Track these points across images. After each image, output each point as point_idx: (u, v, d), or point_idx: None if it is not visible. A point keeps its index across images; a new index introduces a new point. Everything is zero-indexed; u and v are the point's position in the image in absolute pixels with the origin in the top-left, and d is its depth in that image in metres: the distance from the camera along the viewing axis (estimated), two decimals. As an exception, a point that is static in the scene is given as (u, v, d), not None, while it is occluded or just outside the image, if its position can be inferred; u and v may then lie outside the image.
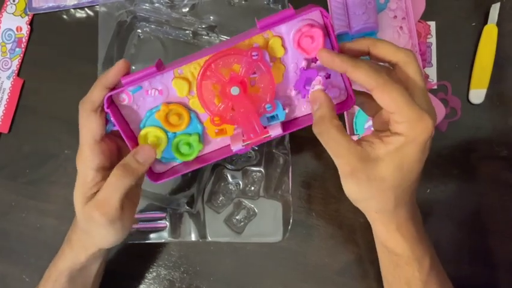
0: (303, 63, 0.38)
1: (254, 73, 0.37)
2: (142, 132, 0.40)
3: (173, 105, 0.39)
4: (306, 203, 0.51)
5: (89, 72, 0.54)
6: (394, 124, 0.33)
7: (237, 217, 0.51)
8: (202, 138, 0.41)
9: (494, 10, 0.49)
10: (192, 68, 0.38)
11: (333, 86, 0.39)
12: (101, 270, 0.46)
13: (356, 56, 0.36)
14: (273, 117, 0.39)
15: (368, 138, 0.35)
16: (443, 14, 0.50)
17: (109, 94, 0.37)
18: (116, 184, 0.37)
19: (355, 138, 0.48)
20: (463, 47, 0.50)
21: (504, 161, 0.49)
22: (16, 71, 0.56)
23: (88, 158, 0.38)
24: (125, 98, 0.39)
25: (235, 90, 0.36)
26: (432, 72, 0.50)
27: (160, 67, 0.37)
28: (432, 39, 0.50)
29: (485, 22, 0.49)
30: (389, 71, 0.35)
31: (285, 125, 0.40)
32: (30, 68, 0.56)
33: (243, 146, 0.39)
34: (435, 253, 0.39)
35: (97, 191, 0.38)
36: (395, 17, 0.49)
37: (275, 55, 0.37)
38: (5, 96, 0.56)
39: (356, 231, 0.50)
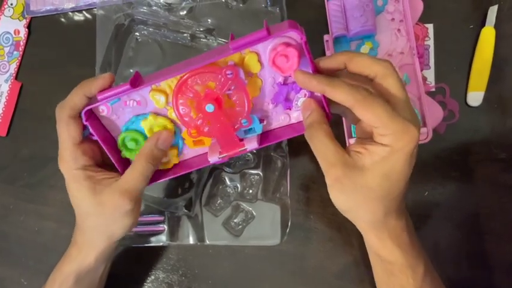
0: (280, 79, 0.38)
1: (229, 89, 0.37)
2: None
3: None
4: (304, 206, 0.51)
5: (87, 75, 0.53)
6: (378, 136, 0.33)
7: (235, 220, 0.51)
8: (181, 153, 0.42)
9: (492, 12, 0.49)
10: (169, 81, 0.38)
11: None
12: (105, 273, 0.46)
13: (333, 72, 0.35)
14: (250, 130, 0.40)
15: (354, 148, 0.34)
16: (440, 17, 0.50)
17: (86, 109, 0.37)
18: (144, 172, 0.39)
19: (353, 141, 0.48)
20: (460, 50, 0.50)
21: (502, 163, 0.49)
22: (14, 74, 0.56)
23: (70, 162, 0.39)
24: (104, 109, 0.39)
25: (209, 108, 0.37)
26: (430, 74, 0.50)
27: (135, 83, 0.37)
28: (430, 42, 0.50)
29: (483, 24, 0.49)
30: (369, 84, 0.35)
31: (262, 136, 0.40)
32: (28, 71, 0.56)
33: (219, 158, 0.40)
34: (428, 259, 0.39)
35: (101, 183, 0.39)
36: (393, 19, 0.49)
37: (252, 71, 0.37)
38: (3, 100, 0.56)
39: (353, 234, 0.50)
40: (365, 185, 0.33)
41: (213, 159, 0.40)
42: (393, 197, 0.34)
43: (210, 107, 0.37)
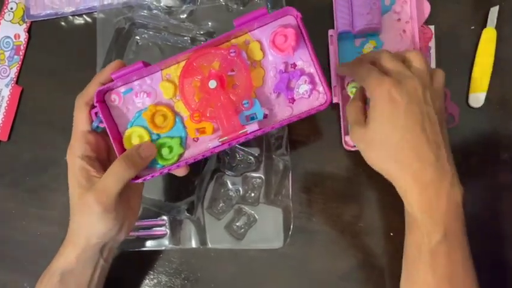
0: (282, 66, 0.40)
1: (232, 70, 0.39)
2: (128, 131, 0.41)
3: (160, 106, 0.41)
4: (306, 208, 0.51)
5: (88, 79, 0.53)
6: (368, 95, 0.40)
7: (237, 223, 0.51)
8: (184, 143, 0.42)
9: (493, 13, 0.49)
10: (179, 72, 0.40)
11: (314, 89, 0.41)
12: (96, 278, 0.45)
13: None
14: (252, 118, 0.40)
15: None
16: (442, 18, 0.50)
17: (100, 88, 0.40)
18: (118, 175, 0.39)
19: (348, 138, 0.48)
20: (462, 51, 0.50)
21: (505, 165, 0.49)
22: (15, 79, 0.56)
23: (73, 147, 0.41)
24: (116, 98, 0.41)
25: (212, 84, 0.38)
26: (431, 76, 0.50)
27: (147, 64, 0.40)
28: (432, 43, 0.50)
29: (484, 25, 0.49)
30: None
31: (263, 125, 0.41)
32: (28, 76, 0.56)
33: (219, 141, 0.40)
34: (460, 231, 0.39)
35: (90, 180, 0.40)
36: (399, 20, 0.49)
37: (254, 58, 0.40)
38: (4, 104, 0.56)
39: (357, 236, 0.50)
40: (370, 138, 0.39)
41: (214, 143, 0.40)
42: (399, 144, 0.38)
43: (212, 83, 0.38)
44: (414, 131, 0.37)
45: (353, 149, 0.48)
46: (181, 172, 0.43)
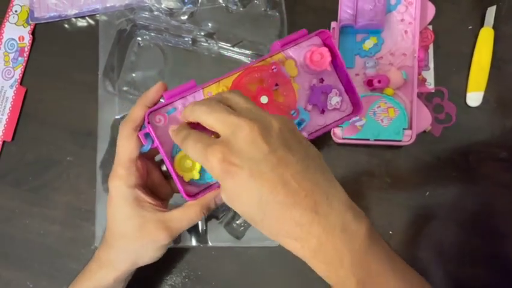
0: (314, 81, 0.43)
1: (276, 85, 0.41)
2: (179, 154, 0.40)
3: None
4: (306, 207, 0.51)
5: (90, 80, 0.54)
6: None
7: (237, 221, 0.51)
8: None
9: (490, 13, 0.49)
10: (220, 90, 0.41)
11: (343, 100, 0.44)
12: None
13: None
14: (299, 124, 0.42)
15: None
16: (439, 18, 0.50)
17: (151, 109, 0.39)
18: (193, 220, 0.40)
19: (338, 130, 0.48)
20: (460, 50, 0.51)
21: (503, 163, 0.49)
22: (19, 80, 0.57)
23: (122, 176, 0.39)
24: (161, 119, 0.40)
25: (264, 99, 0.40)
26: (429, 75, 0.51)
27: (196, 84, 0.41)
28: (429, 43, 0.51)
29: (482, 25, 0.50)
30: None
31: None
32: (32, 77, 0.57)
33: None
34: (376, 271, 0.33)
35: (145, 208, 0.40)
36: (403, 20, 0.49)
37: (290, 74, 0.42)
38: (8, 105, 0.56)
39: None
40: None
41: None
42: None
43: (264, 98, 0.40)
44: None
45: (342, 142, 0.48)
46: None
